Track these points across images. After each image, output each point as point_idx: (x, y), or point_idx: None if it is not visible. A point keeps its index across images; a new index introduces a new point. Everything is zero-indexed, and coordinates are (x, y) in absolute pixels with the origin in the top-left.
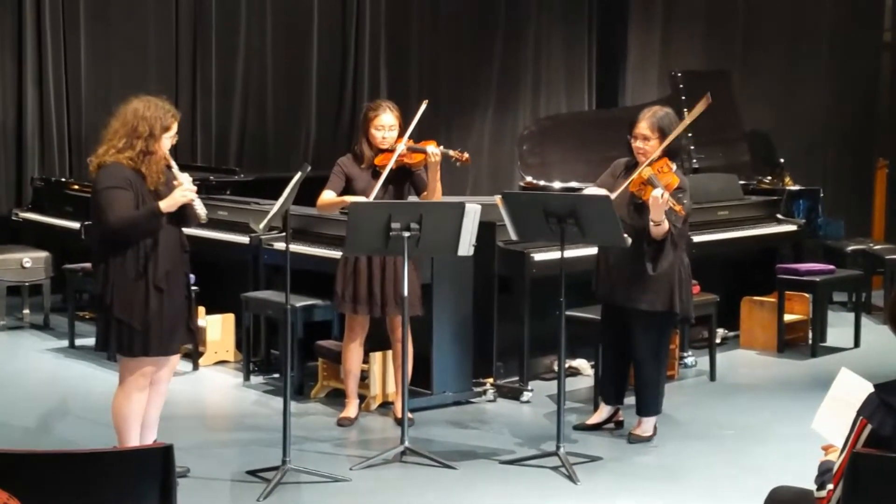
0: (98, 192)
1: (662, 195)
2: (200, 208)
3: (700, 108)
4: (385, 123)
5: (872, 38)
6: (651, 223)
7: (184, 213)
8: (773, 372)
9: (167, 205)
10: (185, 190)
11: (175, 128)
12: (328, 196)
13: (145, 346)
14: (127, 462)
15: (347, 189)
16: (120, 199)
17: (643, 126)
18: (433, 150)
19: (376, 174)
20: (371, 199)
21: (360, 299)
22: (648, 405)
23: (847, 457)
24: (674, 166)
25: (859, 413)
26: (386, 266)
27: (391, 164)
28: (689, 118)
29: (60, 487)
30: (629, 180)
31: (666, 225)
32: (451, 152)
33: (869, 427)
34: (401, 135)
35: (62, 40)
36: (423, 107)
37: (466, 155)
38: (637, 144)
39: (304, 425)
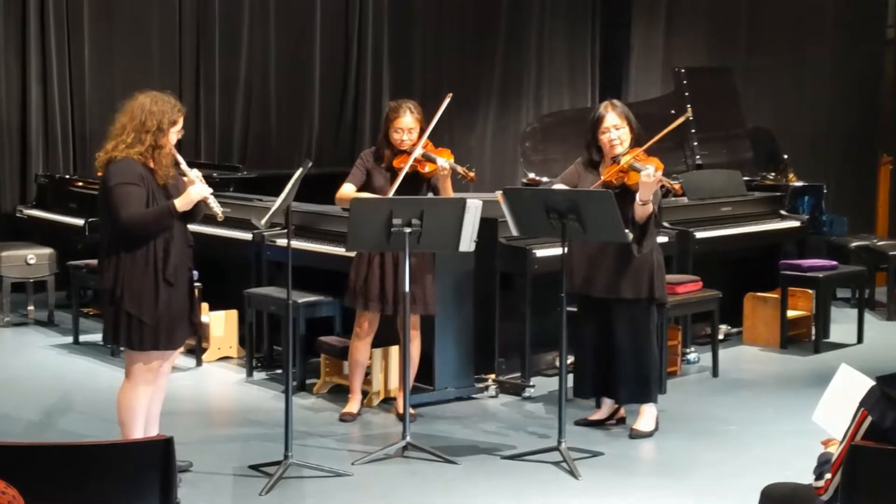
0: (110, 189)
1: (655, 173)
2: (216, 206)
3: (678, 122)
4: (404, 126)
5: (876, 34)
6: (639, 203)
7: (191, 209)
8: (776, 368)
9: (182, 203)
10: (199, 189)
11: (181, 122)
12: (348, 189)
13: (154, 340)
14: (128, 454)
15: (367, 184)
16: (132, 195)
17: (612, 117)
18: (443, 163)
19: (394, 175)
20: None
21: (371, 295)
22: (642, 394)
23: (846, 447)
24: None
25: (861, 404)
26: (399, 263)
27: (406, 168)
28: (666, 130)
29: (61, 479)
30: (611, 173)
31: (650, 206)
32: (459, 168)
33: (869, 419)
34: (421, 136)
35: (66, 38)
36: (447, 101)
37: (473, 174)
38: (611, 136)
39: (307, 420)
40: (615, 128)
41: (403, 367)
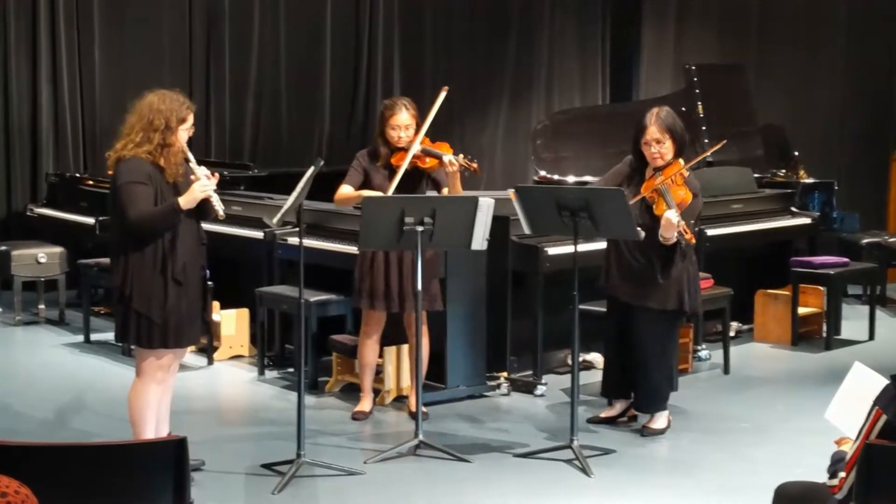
0: (118, 188)
1: (679, 222)
2: (218, 204)
3: (714, 147)
4: (400, 123)
5: (888, 31)
6: (661, 238)
7: (202, 207)
8: (787, 365)
9: (186, 201)
10: (203, 185)
11: (191, 119)
12: (346, 190)
13: (163, 339)
14: (141, 454)
15: (365, 184)
16: (140, 194)
17: (654, 131)
18: (450, 158)
19: (392, 172)
20: None
21: (377, 294)
22: (653, 403)
23: (861, 445)
24: (687, 173)
25: (875, 403)
26: (403, 261)
27: (405, 165)
28: (704, 154)
29: (75, 479)
30: (642, 190)
31: (675, 239)
32: (463, 162)
33: (884, 417)
34: (417, 132)
35: (76, 37)
36: (443, 95)
37: (475, 165)
38: (652, 150)
39: (319, 419)
40: (656, 142)
41: (416, 365)
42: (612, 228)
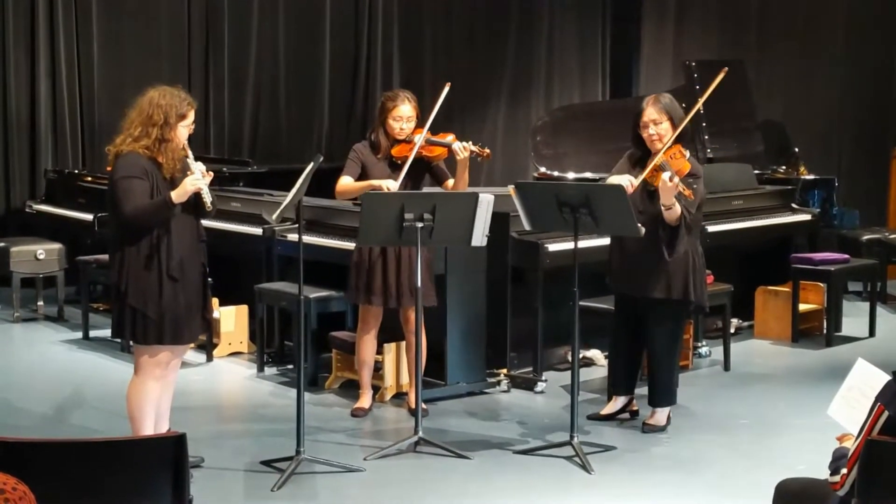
0: (114, 182)
1: (672, 178)
2: (207, 197)
3: (718, 79)
4: (403, 115)
5: (887, 27)
6: (662, 208)
7: (200, 204)
8: (788, 362)
9: (178, 195)
10: (195, 179)
11: (191, 116)
12: (347, 181)
13: (159, 335)
14: (140, 451)
15: (362, 176)
16: (135, 188)
17: (652, 112)
18: (460, 145)
19: (393, 164)
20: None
21: (373, 291)
22: (663, 396)
23: (863, 442)
24: (687, 153)
25: (877, 399)
26: (400, 257)
27: (412, 157)
28: (707, 93)
29: (74, 476)
30: (645, 171)
31: (678, 209)
32: (474, 148)
33: (886, 414)
34: (419, 125)
35: (75, 33)
36: (446, 90)
37: (487, 150)
38: (650, 132)
39: (319, 416)
40: (654, 123)
41: (416, 361)
42: (612, 225)
